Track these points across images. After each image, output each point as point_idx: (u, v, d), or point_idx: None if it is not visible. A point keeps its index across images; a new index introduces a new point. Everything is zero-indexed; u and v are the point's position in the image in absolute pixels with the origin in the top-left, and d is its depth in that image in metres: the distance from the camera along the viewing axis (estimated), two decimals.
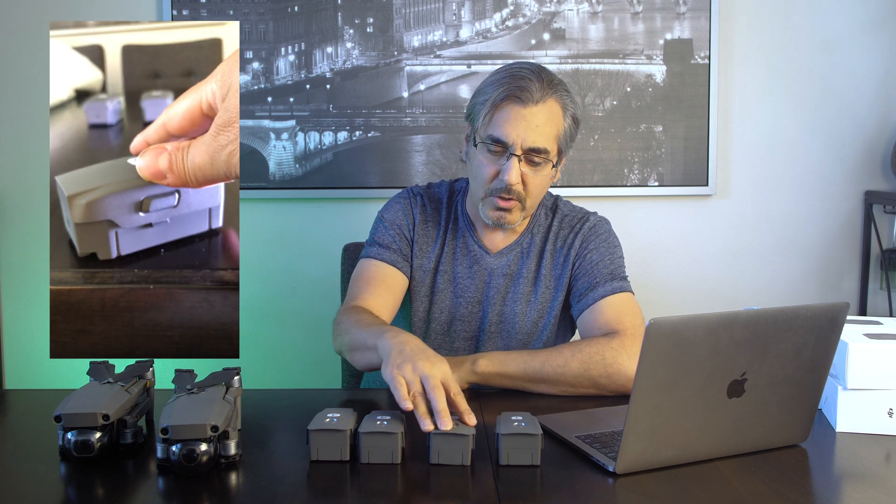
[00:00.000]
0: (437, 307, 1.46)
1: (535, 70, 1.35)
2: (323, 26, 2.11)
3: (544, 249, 1.46)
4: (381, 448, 0.99)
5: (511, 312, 1.45)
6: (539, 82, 1.32)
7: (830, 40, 2.16)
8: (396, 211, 1.49)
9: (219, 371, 1.09)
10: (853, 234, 2.23)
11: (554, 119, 1.34)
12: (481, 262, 1.46)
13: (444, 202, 1.51)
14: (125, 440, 1.04)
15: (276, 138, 2.13)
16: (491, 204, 1.37)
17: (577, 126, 1.39)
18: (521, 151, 1.32)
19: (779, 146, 2.19)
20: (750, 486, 0.93)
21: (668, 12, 2.11)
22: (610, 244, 1.45)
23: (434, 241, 1.48)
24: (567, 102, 1.36)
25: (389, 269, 1.44)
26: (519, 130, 1.31)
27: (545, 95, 1.32)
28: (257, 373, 2.01)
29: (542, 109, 1.32)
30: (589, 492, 0.93)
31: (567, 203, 1.53)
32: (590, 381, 1.26)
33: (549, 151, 1.34)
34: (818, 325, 0.99)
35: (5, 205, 2.16)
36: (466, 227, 1.48)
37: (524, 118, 1.31)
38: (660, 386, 0.93)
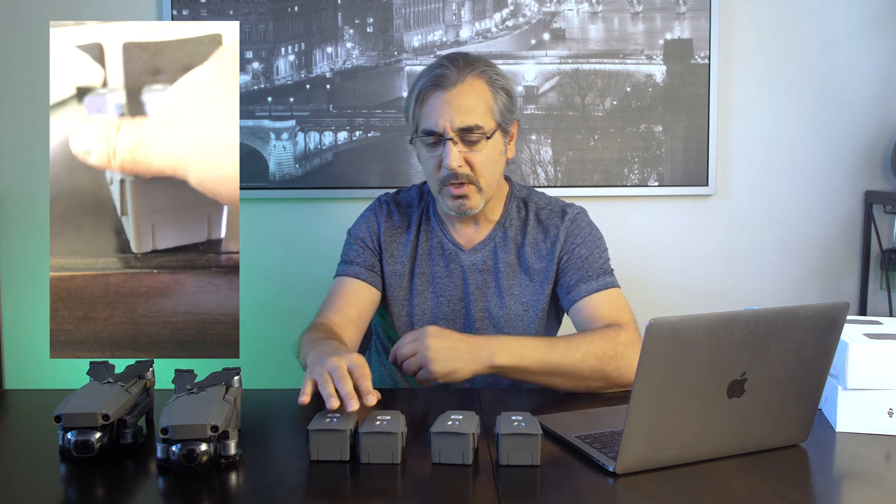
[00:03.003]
0: (418, 308, 1.48)
1: (451, 56, 1.38)
2: (323, 26, 2.11)
3: (523, 243, 1.47)
4: (381, 448, 0.99)
5: (494, 307, 1.46)
6: (455, 65, 1.35)
7: (830, 40, 2.16)
8: (360, 225, 1.52)
9: (219, 371, 1.09)
10: (853, 234, 2.23)
11: (480, 94, 1.35)
12: (457, 259, 1.47)
13: (414, 205, 1.52)
14: (125, 440, 1.04)
15: (276, 138, 2.13)
16: (447, 194, 1.38)
17: (511, 97, 1.40)
18: (453, 134, 1.34)
19: (779, 146, 2.19)
20: (750, 486, 0.93)
21: (668, 12, 2.11)
22: (595, 237, 1.47)
23: (405, 245, 1.49)
24: (492, 76, 1.38)
25: (354, 283, 1.46)
26: (446, 115, 1.33)
27: (464, 75, 1.34)
28: (257, 373, 2.00)
29: (465, 89, 1.34)
30: (589, 492, 0.93)
31: (540, 195, 1.53)
32: (602, 375, 1.27)
33: (483, 127, 1.35)
34: (818, 325, 0.99)
35: (5, 204, 2.16)
36: (439, 226, 1.49)
37: (447, 102, 1.33)
38: (660, 386, 0.93)
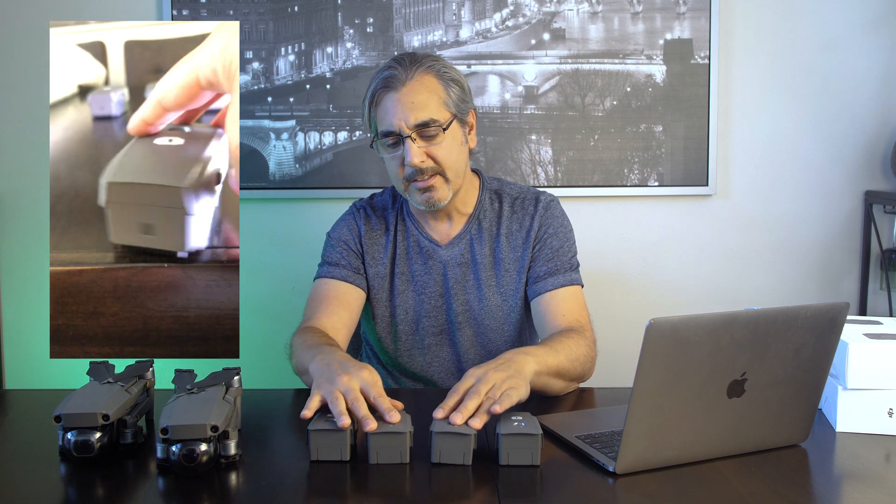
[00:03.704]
0: (401, 308, 1.49)
1: (398, 57, 1.40)
2: (323, 26, 2.11)
3: (498, 234, 1.48)
4: (390, 448, 0.99)
5: (475, 300, 1.47)
6: (402, 65, 1.37)
7: (830, 40, 2.16)
8: (341, 228, 1.52)
9: (219, 371, 1.09)
10: (853, 234, 2.23)
11: (430, 89, 1.36)
12: (434, 255, 1.48)
13: (388, 207, 1.53)
14: (125, 440, 1.04)
15: (276, 138, 2.13)
16: (414, 190, 1.39)
17: (463, 88, 1.41)
18: (410, 131, 1.35)
19: (779, 146, 2.19)
20: (750, 486, 0.93)
21: (668, 12, 2.11)
22: (567, 228, 1.49)
23: (384, 247, 1.50)
24: (440, 69, 1.39)
25: (342, 286, 1.46)
26: (399, 113, 1.35)
27: (411, 73, 1.36)
28: (257, 373, 2.00)
29: (414, 86, 1.35)
30: (589, 492, 0.93)
31: (511, 184, 1.54)
32: (579, 377, 1.32)
33: (438, 120, 1.36)
34: (818, 325, 0.99)
35: (5, 204, 2.16)
36: (414, 225, 1.50)
37: (399, 101, 1.35)
38: (660, 386, 0.93)
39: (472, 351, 1.49)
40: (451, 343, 1.50)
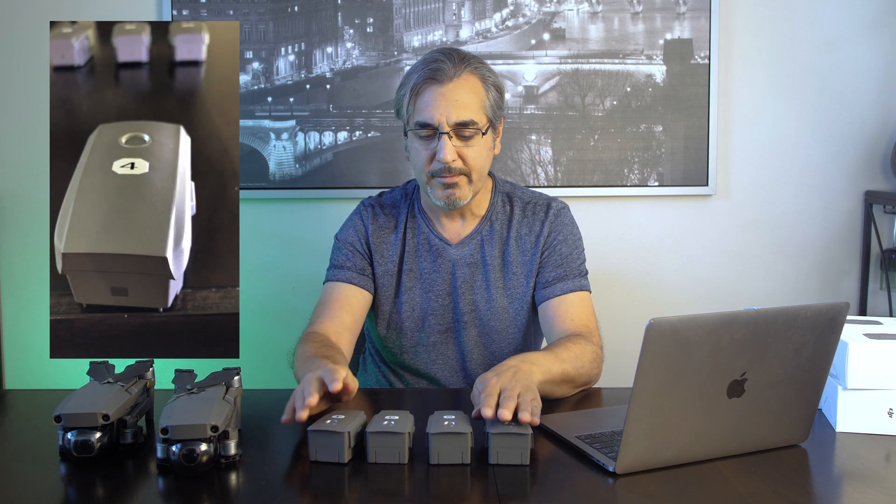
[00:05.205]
0: (407, 305, 1.48)
1: (445, 51, 1.39)
2: (323, 26, 2.11)
3: (508, 237, 1.48)
4: (388, 448, 0.99)
5: (482, 300, 1.47)
6: (450, 60, 1.36)
7: (830, 40, 2.16)
8: (347, 229, 1.52)
9: (219, 371, 1.10)
10: (853, 234, 2.23)
11: (474, 91, 1.37)
12: (444, 254, 1.48)
13: (399, 204, 1.53)
14: (125, 440, 1.04)
15: (276, 138, 2.13)
16: (437, 185, 1.39)
17: (501, 95, 1.42)
18: (449, 128, 1.35)
19: (779, 146, 2.19)
20: (750, 486, 0.93)
21: (668, 12, 2.11)
22: (576, 236, 1.50)
23: (393, 244, 1.50)
24: (485, 73, 1.39)
25: (346, 288, 1.46)
26: (442, 109, 1.34)
27: (459, 71, 1.36)
28: (257, 373, 2.00)
29: (460, 84, 1.35)
30: (589, 492, 0.93)
31: (523, 189, 1.55)
32: (585, 382, 1.32)
33: (477, 122, 1.37)
34: (818, 325, 0.99)
35: (5, 204, 2.16)
36: (425, 222, 1.50)
37: (444, 96, 1.35)
38: (660, 386, 0.93)
39: (476, 351, 1.49)
40: (455, 342, 1.50)
